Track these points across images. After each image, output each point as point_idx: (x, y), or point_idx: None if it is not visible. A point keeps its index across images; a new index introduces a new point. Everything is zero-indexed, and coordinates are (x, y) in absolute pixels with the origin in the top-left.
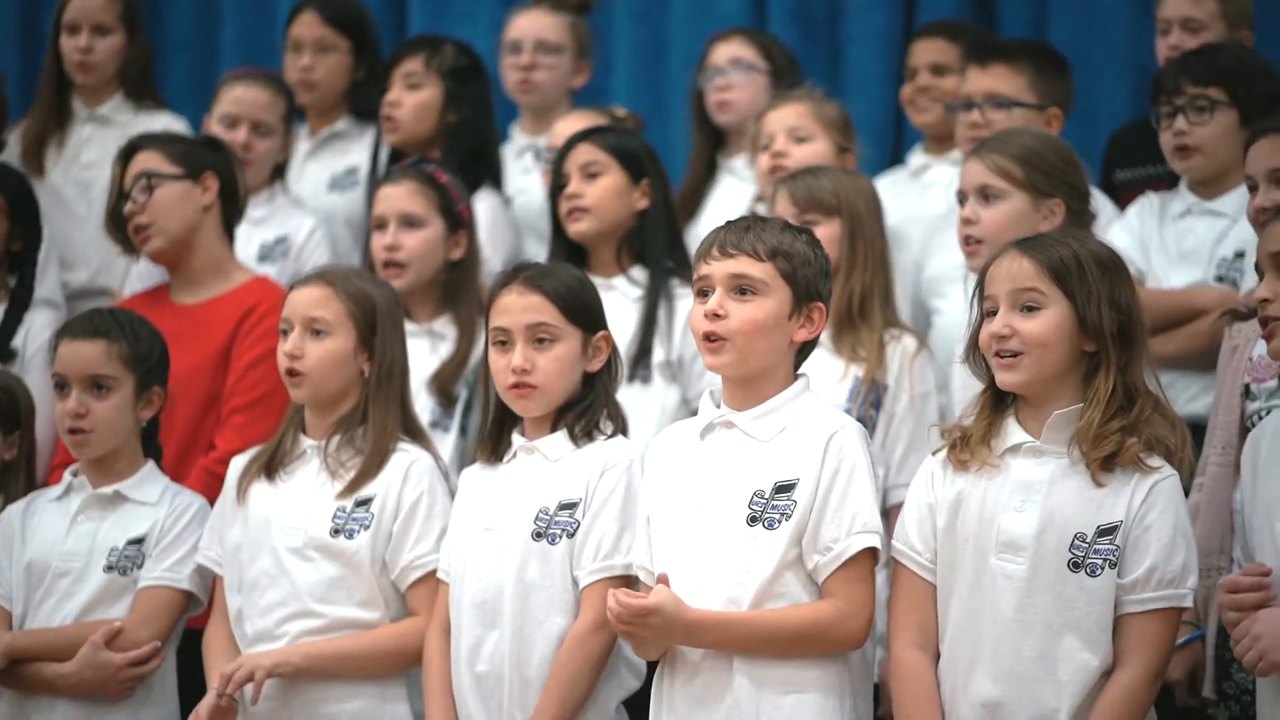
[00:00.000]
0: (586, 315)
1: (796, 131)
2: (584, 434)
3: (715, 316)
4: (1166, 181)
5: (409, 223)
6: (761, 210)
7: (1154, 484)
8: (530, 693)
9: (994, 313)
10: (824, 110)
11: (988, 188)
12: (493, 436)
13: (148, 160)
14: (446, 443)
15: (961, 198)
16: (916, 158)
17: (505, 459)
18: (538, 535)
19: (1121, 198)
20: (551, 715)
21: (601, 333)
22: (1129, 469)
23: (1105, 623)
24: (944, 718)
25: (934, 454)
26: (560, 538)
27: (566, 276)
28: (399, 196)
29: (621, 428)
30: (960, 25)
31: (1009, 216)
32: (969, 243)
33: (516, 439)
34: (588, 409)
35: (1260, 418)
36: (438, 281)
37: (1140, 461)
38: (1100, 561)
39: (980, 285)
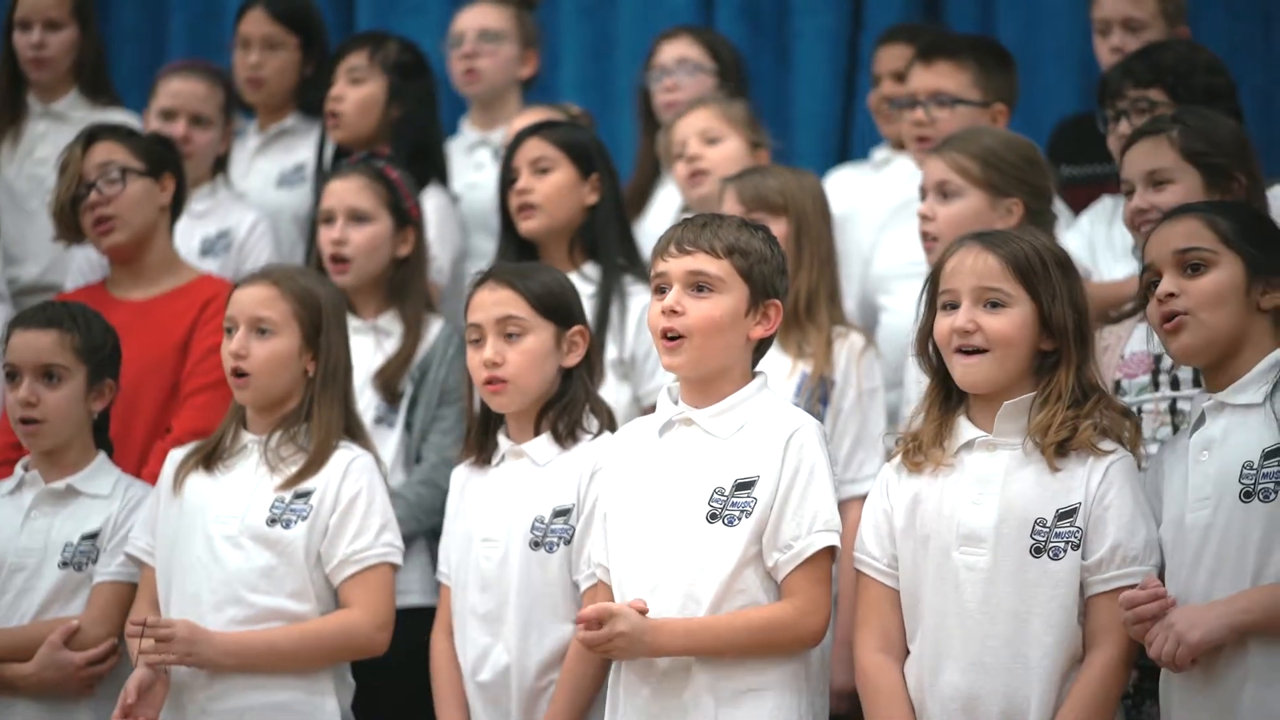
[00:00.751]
0: (559, 310)
1: (707, 134)
2: (568, 433)
3: (673, 313)
4: (1112, 180)
5: (357, 217)
6: None
7: (1110, 464)
8: (536, 699)
9: (952, 306)
10: (730, 110)
11: (946, 184)
12: (479, 438)
13: (113, 152)
14: (391, 439)
15: (922, 194)
16: (881, 152)
17: (494, 462)
18: (535, 544)
19: (1066, 194)
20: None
21: (577, 327)
22: (1083, 453)
23: (1070, 605)
24: (915, 716)
25: (888, 461)
26: (558, 545)
27: (541, 273)
28: (348, 191)
29: (608, 424)
30: (920, 28)
31: (965, 214)
32: (926, 239)
33: (503, 441)
34: (568, 406)
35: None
36: (384, 278)
37: (1094, 445)
38: (1062, 544)
39: (934, 278)
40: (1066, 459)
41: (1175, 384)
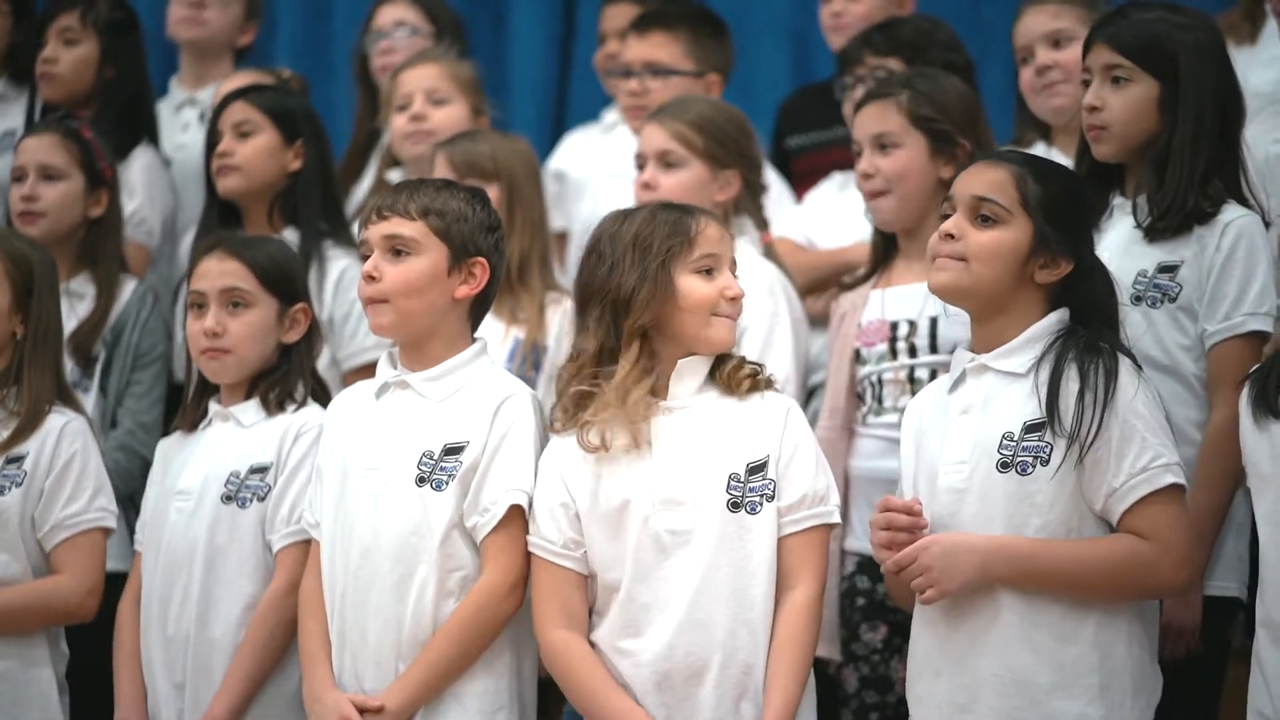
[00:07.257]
0: (285, 286)
1: (435, 94)
2: (277, 403)
3: (370, 279)
4: (838, 146)
5: (48, 175)
6: (395, 176)
7: (787, 409)
8: (215, 655)
9: (708, 271)
10: (459, 72)
11: (669, 154)
12: (194, 405)
13: None
14: (86, 404)
15: (640, 161)
16: (610, 114)
17: (201, 426)
18: (227, 499)
19: (792, 164)
20: (243, 677)
21: (300, 305)
22: (760, 393)
23: (773, 557)
24: (616, 680)
25: (556, 435)
26: (251, 501)
27: (270, 247)
28: (39, 148)
29: (320, 398)
30: None
31: (688, 185)
32: None
33: (213, 406)
34: (282, 379)
35: (871, 382)
36: (76, 239)
37: (771, 385)
38: (758, 499)
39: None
40: (750, 396)
41: (913, 351)
